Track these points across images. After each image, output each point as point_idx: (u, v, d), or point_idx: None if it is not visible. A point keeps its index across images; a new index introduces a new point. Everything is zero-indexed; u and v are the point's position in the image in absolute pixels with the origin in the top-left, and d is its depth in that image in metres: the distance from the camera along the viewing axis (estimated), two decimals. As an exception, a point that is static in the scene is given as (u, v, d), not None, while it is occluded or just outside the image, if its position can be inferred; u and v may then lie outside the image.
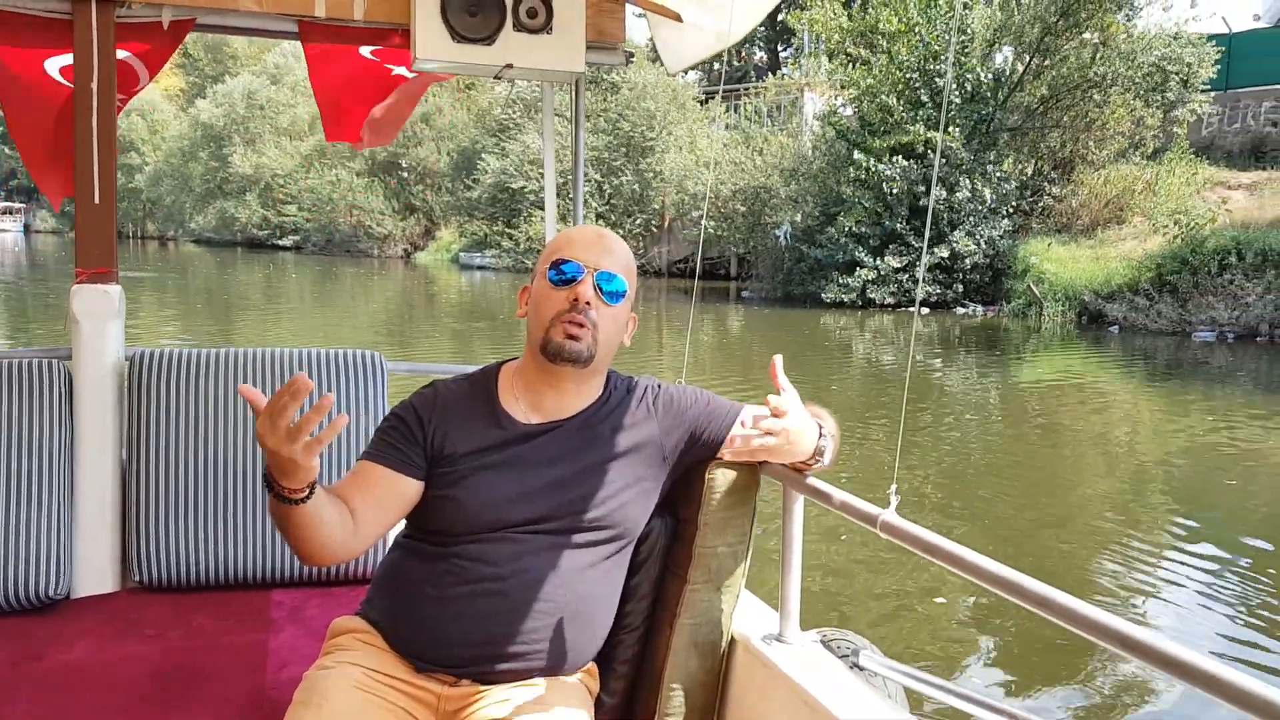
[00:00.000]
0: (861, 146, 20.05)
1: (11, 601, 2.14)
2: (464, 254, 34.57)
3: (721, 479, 1.68)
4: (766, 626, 1.77)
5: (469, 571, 1.53)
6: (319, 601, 2.27)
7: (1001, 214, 19.57)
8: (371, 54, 2.81)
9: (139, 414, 2.29)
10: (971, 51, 20.12)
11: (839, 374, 12.43)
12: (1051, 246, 18.96)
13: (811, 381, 11.09)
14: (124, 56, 2.48)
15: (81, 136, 2.33)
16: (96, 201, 2.35)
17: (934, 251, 18.77)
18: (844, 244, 19.97)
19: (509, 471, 1.57)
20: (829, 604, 4.60)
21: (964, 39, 20.04)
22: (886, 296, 19.42)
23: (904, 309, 19.16)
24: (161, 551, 2.27)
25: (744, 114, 27.67)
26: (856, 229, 19.88)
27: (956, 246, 18.91)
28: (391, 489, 1.55)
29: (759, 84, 30.64)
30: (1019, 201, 20.30)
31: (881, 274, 19.39)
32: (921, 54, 19.60)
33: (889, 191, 19.35)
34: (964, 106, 19.66)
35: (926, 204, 19.19)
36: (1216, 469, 7.70)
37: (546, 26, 2.50)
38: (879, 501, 1.49)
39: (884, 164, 19.36)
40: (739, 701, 1.75)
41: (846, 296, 19.60)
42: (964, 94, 19.63)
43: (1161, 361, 13.77)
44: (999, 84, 20.41)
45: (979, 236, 19.10)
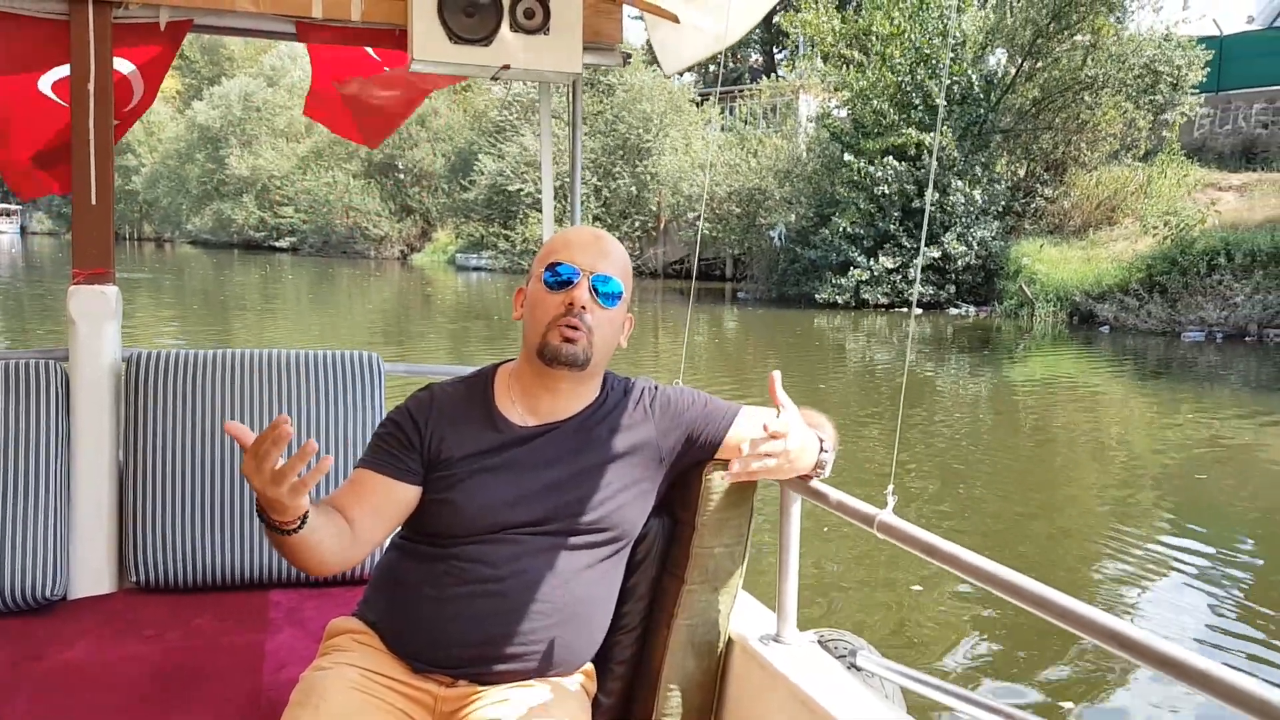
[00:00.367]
0: (855, 148, 20.09)
1: (8, 602, 2.14)
2: (460, 255, 34.50)
3: (719, 480, 1.68)
4: (764, 627, 1.77)
5: (467, 572, 1.53)
6: (316, 602, 2.27)
7: (993, 215, 19.62)
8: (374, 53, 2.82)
9: (136, 415, 2.29)
10: (963, 55, 20.14)
11: (833, 374, 12.44)
12: (1043, 248, 19.00)
13: (805, 381, 11.11)
14: (126, 72, 2.48)
15: (78, 138, 2.33)
16: (93, 203, 2.35)
17: (926, 252, 18.81)
18: (838, 245, 20.00)
19: (506, 474, 1.57)
20: (826, 604, 4.62)
21: (956, 42, 20.06)
22: (880, 297, 19.45)
23: (897, 309, 19.19)
24: (159, 552, 2.27)
25: (739, 116, 27.66)
26: (850, 230, 19.91)
27: (949, 248, 18.95)
28: (389, 497, 1.55)
29: (754, 86, 30.65)
30: (1011, 203, 20.35)
31: (875, 275, 19.42)
32: (913, 58, 19.63)
33: (882, 193, 19.39)
34: (956, 109, 19.70)
35: (920, 205, 19.23)
36: (1205, 466, 7.75)
37: (544, 27, 2.50)
38: (875, 501, 1.49)
39: (876, 166, 19.41)
40: (736, 702, 1.75)
41: (840, 297, 19.62)
42: (952, 96, 19.67)
43: (1151, 361, 13.81)
44: (991, 86, 20.45)
45: (971, 238, 19.14)
